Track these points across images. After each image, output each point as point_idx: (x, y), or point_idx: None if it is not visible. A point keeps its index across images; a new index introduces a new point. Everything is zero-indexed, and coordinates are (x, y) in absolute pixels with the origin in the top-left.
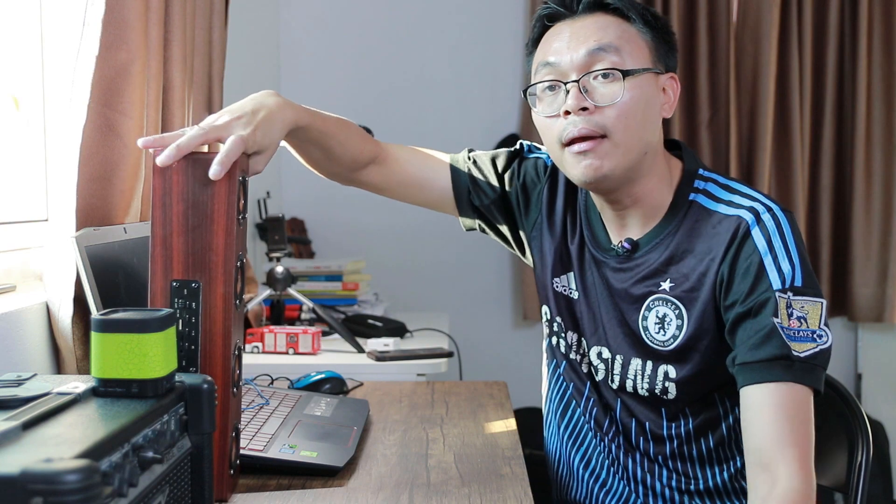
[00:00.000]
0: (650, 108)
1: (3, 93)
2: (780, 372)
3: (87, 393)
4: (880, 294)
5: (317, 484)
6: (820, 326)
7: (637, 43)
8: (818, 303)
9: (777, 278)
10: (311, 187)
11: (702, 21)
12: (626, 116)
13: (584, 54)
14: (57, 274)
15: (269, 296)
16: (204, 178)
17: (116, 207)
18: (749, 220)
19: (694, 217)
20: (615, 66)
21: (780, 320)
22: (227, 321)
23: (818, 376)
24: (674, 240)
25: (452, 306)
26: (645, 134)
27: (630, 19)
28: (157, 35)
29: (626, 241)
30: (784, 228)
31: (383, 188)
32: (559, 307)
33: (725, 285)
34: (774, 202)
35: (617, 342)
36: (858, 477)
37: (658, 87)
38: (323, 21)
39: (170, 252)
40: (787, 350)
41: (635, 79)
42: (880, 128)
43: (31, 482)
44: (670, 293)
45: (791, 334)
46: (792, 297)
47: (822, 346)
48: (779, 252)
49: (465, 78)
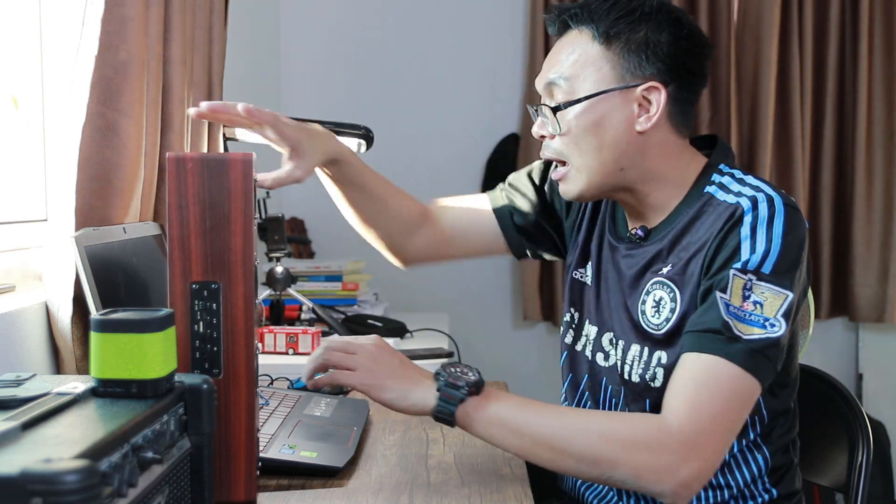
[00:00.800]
0: (606, 130)
1: (3, 93)
2: (712, 344)
3: (86, 393)
4: (881, 294)
5: (317, 484)
6: (776, 316)
7: (597, 65)
8: (782, 294)
9: (744, 258)
10: (312, 187)
11: (702, 21)
12: (576, 144)
13: (542, 86)
14: (56, 274)
15: (269, 296)
16: (220, 179)
17: (116, 207)
18: (746, 206)
19: (703, 207)
20: (567, 97)
21: (727, 297)
22: (249, 321)
23: (759, 364)
24: (680, 227)
25: (452, 306)
26: (606, 155)
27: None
28: (156, 34)
29: (640, 228)
30: (777, 218)
31: (436, 249)
32: (573, 296)
33: (708, 264)
34: (781, 195)
35: (621, 327)
36: (859, 477)
37: (626, 103)
38: (323, 21)
39: (188, 254)
40: (720, 324)
41: (579, 107)
42: (881, 127)
43: (30, 482)
44: (666, 276)
45: (741, 315)
46: (755, 280)
47: (770, 334)
48: (759, 237)
49: (465, 78)
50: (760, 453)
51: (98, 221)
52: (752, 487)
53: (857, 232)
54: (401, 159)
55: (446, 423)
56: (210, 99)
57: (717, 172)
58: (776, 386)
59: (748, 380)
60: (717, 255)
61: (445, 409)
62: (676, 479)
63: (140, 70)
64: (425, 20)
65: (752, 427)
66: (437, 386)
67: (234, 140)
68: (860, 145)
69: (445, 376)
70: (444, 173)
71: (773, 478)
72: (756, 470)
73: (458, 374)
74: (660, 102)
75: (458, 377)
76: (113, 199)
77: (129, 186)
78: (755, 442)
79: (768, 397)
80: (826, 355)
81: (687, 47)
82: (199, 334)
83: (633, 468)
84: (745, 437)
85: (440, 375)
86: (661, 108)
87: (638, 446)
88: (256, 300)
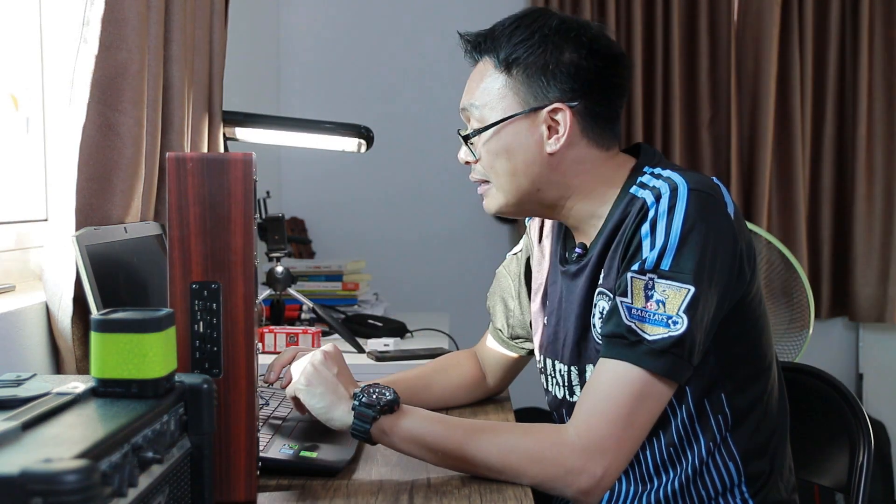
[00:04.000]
0: (517, 154)
1: (3, 92)
2: (616, 349)
3: (86, 393)
4: (881, 294)
5: (317, 484)
6: (678, 313)
7: (501, 92)
8: (683, 289)
9: (643, 257)
10: (311, 187)
11: (702, 21)
12: (490, 167)
13: (461, 113)
14: (57, 274)
15: (269, 296)
16: (220, 179)
17: (116, 207)
18: (650, 201)
19: (626, 208)
20: (479, 124)
21: (628, 300)
22: (249, 321)
23: (667, 363)
24: (607, 233)
25: (452, 306)
26: (521, 179)
27: (495, 65)
28: (156, 34)
29: (579, 245)
30: (678, 208)
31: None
32: (540, 339)
33: (619, 265)
34: (690, 180)
35: (575, 353)
36: (860, 477)
37: (534, 126)
38: (323, 21)
39: (188, 254)
40: (624, 329)
41: (486, 134)
42: (881, 127)
43: (30, 482)
44: (603, 285)
45: (644, 316)
46: (656, 279)
47: (673, 332)
48: (659, 231)
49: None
50: (731, 459)
51: (98, 221)
52: (728, 497)
53: (857, 232)
54: (401, 159)
55: (364, 440)
56: (210, 99)
57: (641, 174)
58: (744, 379)
59: (654, 381)
60: (625, 256)
61: (361, 427)
62: (575, 486)
63: (140, 70)
64: (425, 20)
65: (718, 428)
66: (353, 405)
67: (234, 140)
68: (860, 145)
69: (361, 397)
70: (444, 173)
71: (751, 487)
72: (728, 478)
73: (373, 394)
74: (566, 123)
75: (373, 397)
76: (113, 198)
77: (130, 186)
78: (724, 444)
79: (733, 393)
80: (826, 355)
81: (593, 65)
82: (199, 334)
83: (534, 479)
84: (711, 439)
85: (357, 396)
86: (570, 128)
87: (537, 459)
88: (256, 300)
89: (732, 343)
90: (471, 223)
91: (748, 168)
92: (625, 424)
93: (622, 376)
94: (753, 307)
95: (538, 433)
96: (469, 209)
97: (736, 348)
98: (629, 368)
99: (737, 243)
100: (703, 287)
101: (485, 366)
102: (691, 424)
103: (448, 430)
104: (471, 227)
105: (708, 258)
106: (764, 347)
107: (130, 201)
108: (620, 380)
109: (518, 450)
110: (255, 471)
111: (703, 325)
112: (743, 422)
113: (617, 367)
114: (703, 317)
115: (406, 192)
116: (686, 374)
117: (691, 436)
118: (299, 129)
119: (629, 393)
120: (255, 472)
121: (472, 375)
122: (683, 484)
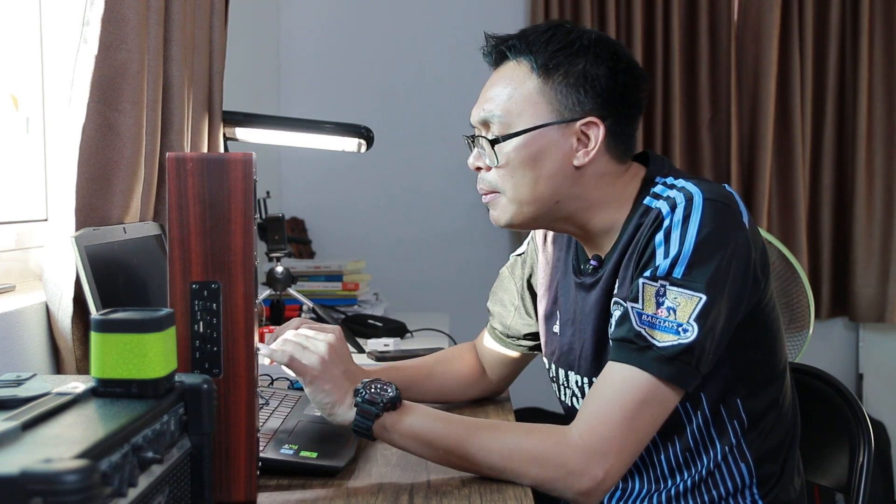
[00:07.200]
0: (543, 163)
1: (3, 92)
2: (624, 354)
3: (86, 393)
4: (881, 294)
5: (317, 484)
6: (688, 321)
7: (532, 99)
8: (695, 297)
9: (656, 264)
10: (311, 187)
11: (702, 21)
12: (511, 177)
13: (478, 119)
14: (57, 274)
15: (269, 296)
16: (220, 179)
17: (116, 207)
18: (665, 210)
19: (641, 219)
20: (504, 129)
21: (639, 306)
22: (249, 321)
23: (675, 370)
24: (623, 244)
25: (452, 306)
26: (541, 189)
27: (532, 69)
28: (156, 34)
29: (594, 257)
30: (693, 218)
31: (489, 392)
32: (551, 348)
33: (633, 274)
34: (706, 190)
35: (595, 365)
36: (860, 477)
37: (565, 137)
38: (323, 21)
39: (188, 254)
40: (633, 334)
41: (517, 140)
42: (881, 127)
43: (30, 482)
44: (618, 294)
45: (655, 322)
46: (668, 286)
47: (683, 340)
48: (673, 240)
49: (465, 78)
50: (744, 461)
51: (98, 221)
52: (738, 498)
53: (858, 232)
54: (401, 159)
55: (365, 436)
56: (210, 99)
57: (653, 184)
58: (759, 384)
59: (660, 387)
60: (639, 264)
61: (363, 423)
62: (576, 488)
63: (140, 70)
64: (425, 20)
65: (734, 432)
66: (355, 402)
67: (234, 140)
68: (861, 145)
69: (364, 393)
70: (444, 174)
71: (761, 489)
72: (740, 479)
73: (376, 390)
74: (598, 138)
75: (375, 394)
76: (113, 199)
77: (130, 186)
78: (738, 447)
79: (748, 398)
80: (826, 355)
81: (624, 81)
82: (199, 334)
83: (535, 479)
84: (727, 443)
85: (359, 392)
86: (600, 143)
87: (538, 461)
88: (256, 300)
89: (747, 348)
90: (471, 223)
91: (748, 168)
92: (628, 428)
93: (628, 380)
94: (767, 313)
95: (541, 434)
96: (469, 209)
97: (751, 353)
98: (636, 373)
99: (751, 253)
100: (716, 296)
101: (484, 363)
102: (707, 429)
103: (450, 428)
104: (471, 227)
105: (722, 268)
106: (778, 352)
107: (130, 201)
108: (626, 384)
109: (520, 450)
110: (255, 471)
111: (713, 334)
112: (758, 425)
113: (624, 370)
114: (714, 326)
115: (406, 193)
116: (694, 382)
117: (707, 440)
118: (299, 129)
119: (634, 397)
120: (255, 472)
121: (474, 368)
122: (696, 484)
